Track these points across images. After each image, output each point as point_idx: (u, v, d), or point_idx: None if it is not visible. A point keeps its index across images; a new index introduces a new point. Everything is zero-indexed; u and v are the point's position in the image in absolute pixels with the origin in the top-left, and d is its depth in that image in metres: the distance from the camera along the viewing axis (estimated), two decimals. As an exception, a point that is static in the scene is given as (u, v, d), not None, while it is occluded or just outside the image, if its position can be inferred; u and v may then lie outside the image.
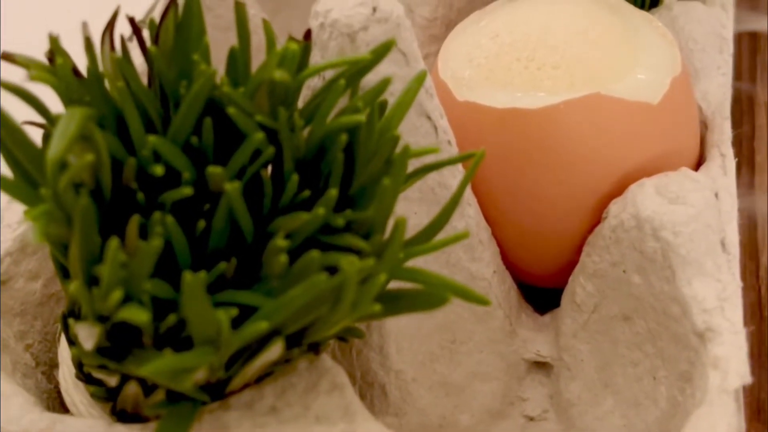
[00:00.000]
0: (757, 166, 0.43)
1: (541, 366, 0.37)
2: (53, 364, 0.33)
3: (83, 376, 0.28)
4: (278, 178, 0.27)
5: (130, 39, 0.28)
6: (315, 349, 0.27)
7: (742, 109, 0.45)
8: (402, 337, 0.34)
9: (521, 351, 0.37)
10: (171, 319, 0.24)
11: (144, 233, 0.24)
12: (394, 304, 0.25)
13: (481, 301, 0.25)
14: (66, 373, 0.29)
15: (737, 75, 0.46)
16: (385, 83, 0.27)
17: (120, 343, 0.25)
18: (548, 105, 0.34)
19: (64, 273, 0.26)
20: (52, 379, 0.32)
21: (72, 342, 0.27)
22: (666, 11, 0.41)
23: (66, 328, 0.28)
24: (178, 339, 0.25)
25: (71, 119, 0.23)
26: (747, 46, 0.48)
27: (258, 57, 0.27)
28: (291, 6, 0.50)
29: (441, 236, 0.27)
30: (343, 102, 0.27)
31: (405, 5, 0.40)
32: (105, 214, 0.25)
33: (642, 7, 0.42)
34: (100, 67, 0.26)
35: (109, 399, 0.28)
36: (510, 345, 0.36)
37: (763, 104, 0.45)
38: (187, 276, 0.22)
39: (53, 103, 0.26)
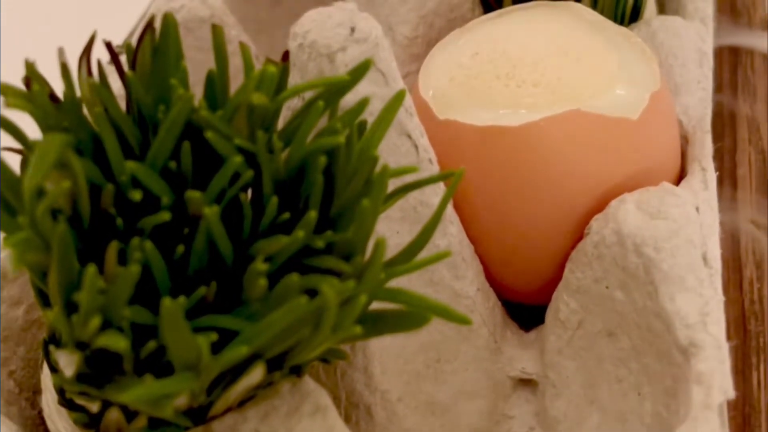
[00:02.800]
0: (739, 180, 0.43)
1: (526, 383, 0.37)
2: (37, 391, 0.32)
3: (65, 402, 0.28)
4: (258, 201, 0.26)
5: (110, 63, 0.28)
6: (297, 371, 0.27)
7: (724, 122, 0.45)
8: (387, 357, 0.34)
9: (507, 369, 0.37)
10: (151, 345, 0.24)
11: (123, 259, 0.24)
12: (376, 325, 0.25)
13: (463, 321, 0.25)
14: (49, 399, 0.29)
15: (719, 88, 0.46)
16: (363, 104, 0.27)
17: (101, 369, 0.25)
18: (529, 122, 0.34)
19: (44, 300, 0.26)
20: (36, 406, 0.32)
21: (53, 369, 0.27)
22: (645, 26, 0.41)
23: (47, 355, 0.28)
24: (159, 364, 0.24)
25: (48, 147, 0.23)
26: (728, 59, 0.48)
27: (240, 78, 0.27)
28: (274, 27, 0.50)
29: (424, 255, 0.27)
30: (322, 123, 0.27)
31: (385, 24, 0.40)
32: (83, 240, 0.25)
33: (621, 22, 0.42)
34: (78, 93, 0.26)
35: (92, 425, 0.27)
36: (495, 363, 0.36)
37: (744, 117, 0.45)
38: (166, 302, 0.22)
39: (31, 128, 0.26)
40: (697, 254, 0.32)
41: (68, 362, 0.25)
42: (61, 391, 0.28)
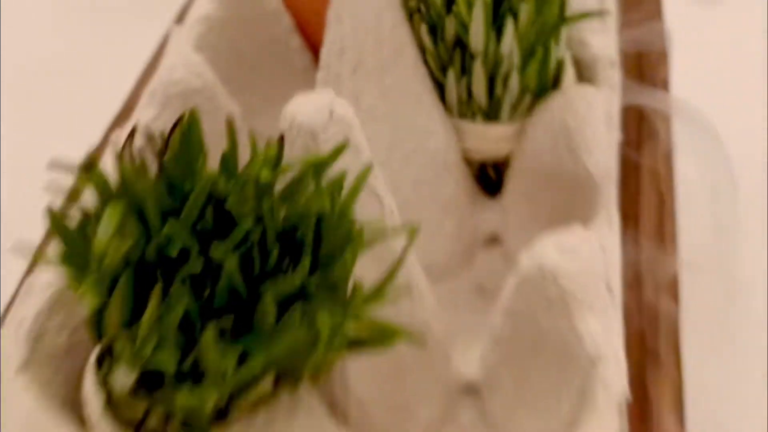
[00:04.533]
0: (641, 224, 0.49)
1: (471, 388, 0.44)
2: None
3: (112, 412, 0.34)
4: (264, 248, 0.34)
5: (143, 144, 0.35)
6: (294, 382, 0.35)
7: (629, 173, 0.51)
8: (358, 363, 0.40)
9: (456, 375, 0.44)
10: (189, 360, 0.31)
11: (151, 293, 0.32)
12: (355, 346, 0.33)
13: (421, 342, 0.33)
14: (95, 409, 0.36)
15: (627, 141, 0.51)
16: (342, 177, 0.34)
17: (146, 380, 0.33)
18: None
19: (98, 329, 0.34)
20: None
21: (103, 383, 0.34)
22: (562, 95, 0.48)
23: (98, 371, 0.35)
24: (192, 374, 0.32)
25: (112, 215, 0.30)
26: (633, 116, 0.54)
27: (224, 140, 0.34)
28: (252, 87, 0.57)
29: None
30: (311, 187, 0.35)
31: (352, 96, 0.47)
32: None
33: (545, 89, 0.49)
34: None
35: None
36: (447, 370, 0.43)
37: (647, 169, 0.51)
38: (209, 331, 0.30)
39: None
40: (602, 284, 0.38)
41: (125, 377, 0.32)
42: (107, 403, 0.35)
